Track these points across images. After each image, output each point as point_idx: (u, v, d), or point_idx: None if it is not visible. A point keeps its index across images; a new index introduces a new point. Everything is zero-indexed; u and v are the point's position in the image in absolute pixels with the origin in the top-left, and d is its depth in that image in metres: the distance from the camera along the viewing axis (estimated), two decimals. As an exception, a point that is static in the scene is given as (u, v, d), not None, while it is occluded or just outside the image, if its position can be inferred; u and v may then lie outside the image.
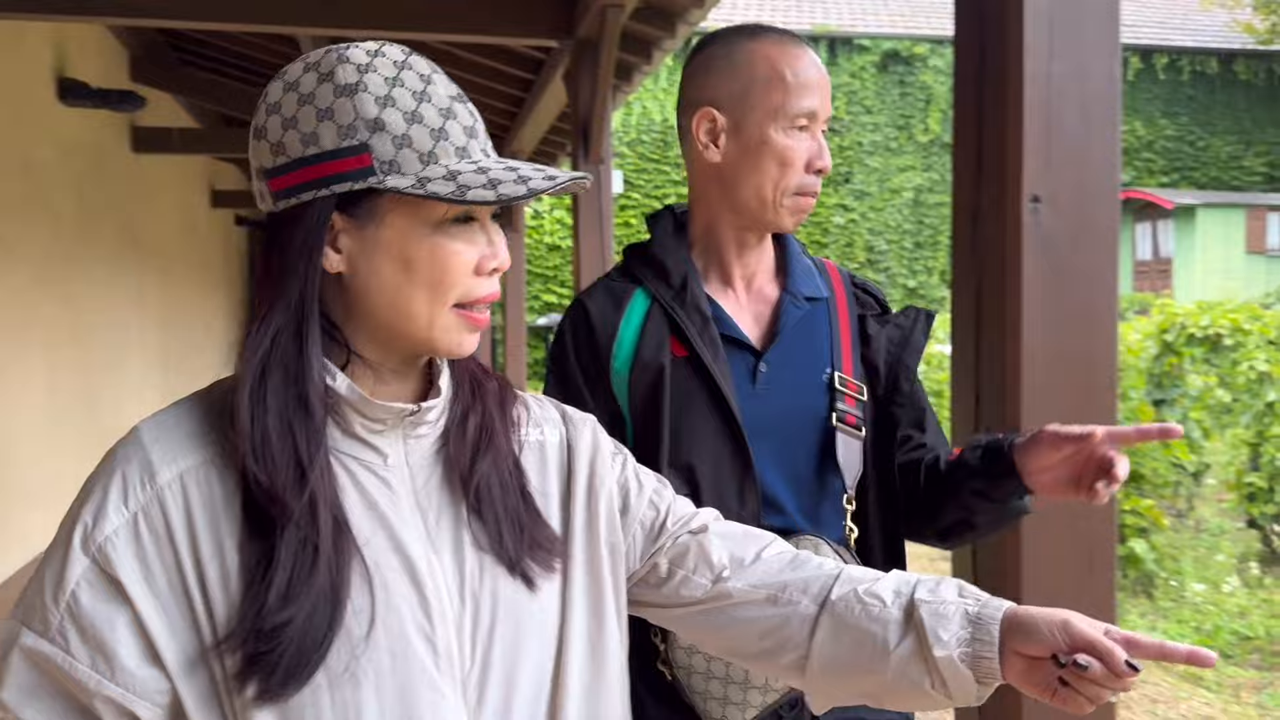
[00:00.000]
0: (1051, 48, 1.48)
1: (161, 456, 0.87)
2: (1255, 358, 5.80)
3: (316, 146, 0.85)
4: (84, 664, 0.83)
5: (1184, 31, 19.21)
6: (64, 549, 0.86)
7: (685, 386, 1.33)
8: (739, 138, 1.33)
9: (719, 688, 1.27)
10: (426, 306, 0.88)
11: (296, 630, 0.82)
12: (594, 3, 4.68)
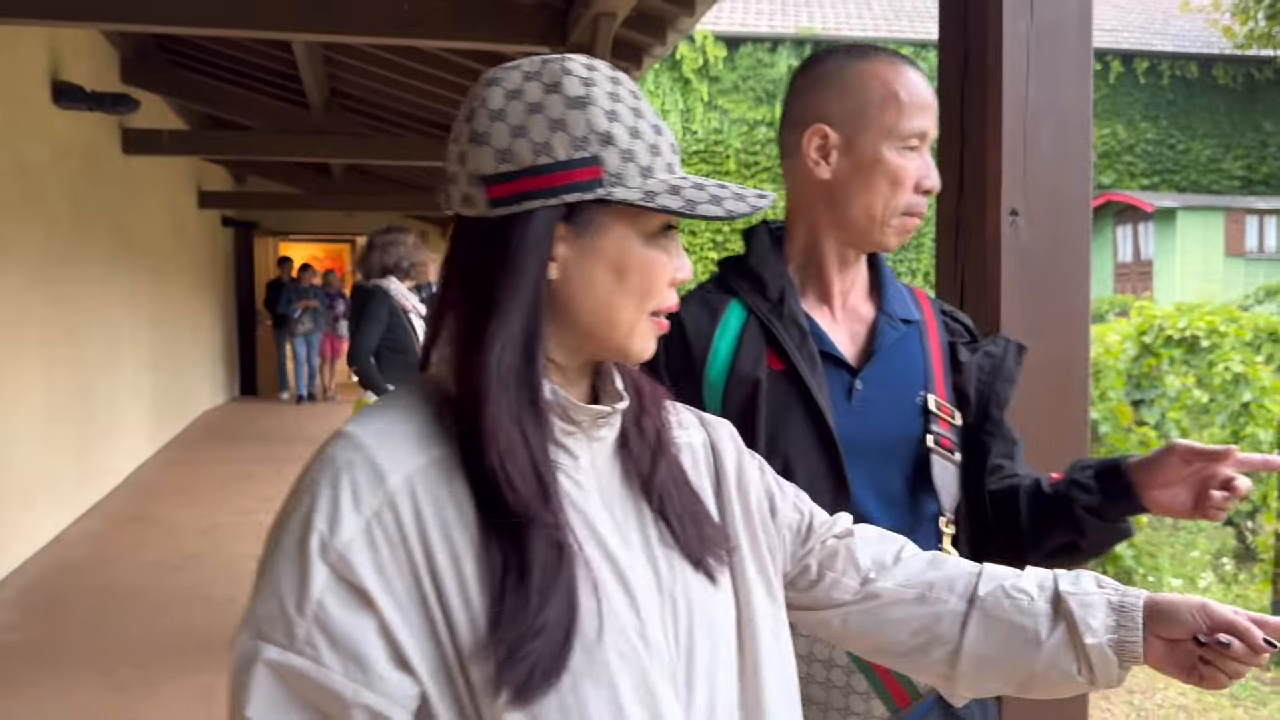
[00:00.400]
0: (1028, 72, 1.59)
1: (388, 459, 0.84)
2: (1231, 359, 5.94)
3: (549, 156, 0.85)
4: (338, 673, 0.80)
5: (1164, 36, 19.44)
6: (297, 558, 0.81)
7: (781, 401, 1.30)
8: (851, 155, 1.32)
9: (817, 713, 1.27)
10: (632, 314, 0.90)
11: (550, 632, 0.82)
12: (586, 11, 4.77)
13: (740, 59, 17.83)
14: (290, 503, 0.85)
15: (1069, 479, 1.33)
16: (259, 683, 0.81)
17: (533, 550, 0.82)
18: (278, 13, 4.99)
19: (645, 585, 0.90)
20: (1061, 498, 1.33)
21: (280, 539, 0.83)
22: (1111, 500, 1.28)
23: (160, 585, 5.16)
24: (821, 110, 1.32)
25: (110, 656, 4.15)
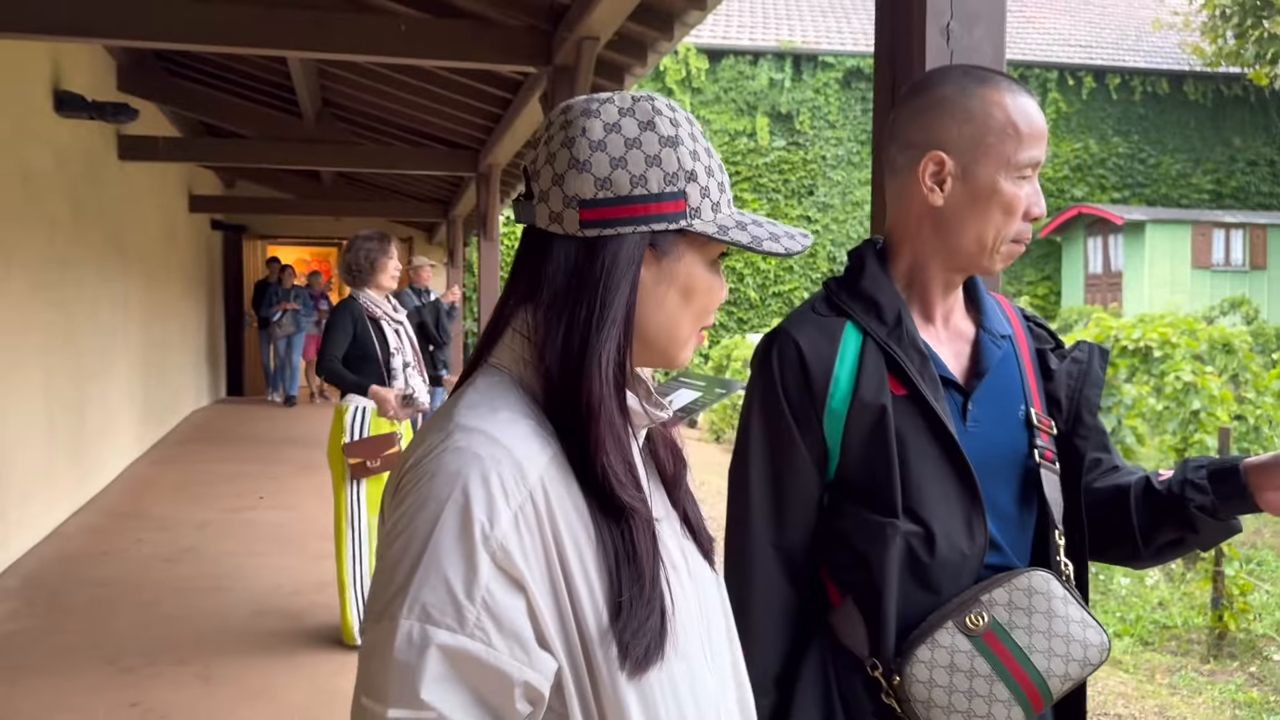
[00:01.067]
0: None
1: (524, 455, 0.90)
2: (1182, 369, 6.25)
3: (644, 189, 0.94)
4: (505, 654, 0.86)
5: (1136, 52, 19.89)
6: (463, 547, 0.86)
7: (908, 425, 1.30)
8: (967, 184, 1.31)
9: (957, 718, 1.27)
10: (688, 330, 1.01)
11: (659, 613, 0.92)
12: (570, 35, 5.04)
13: (722, 71, 18.16)
14: (427, 494, 0.88)
15: (1182, 479, 1.36)
16: (431, 665, 0.84)
17: (639, 541, 0.92)
18: (279, 31, 5.22)
19: (688, 579, 1.01)
20: (1175, 497, 1.35)
21: (434, 531, 0.86)
22: (1225, 500, 1.31)
23: (158, 577, 5.37)
24: (939, 136, 1.32)
25: (113, 643, 4.37)
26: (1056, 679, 1.27)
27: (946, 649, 1.26)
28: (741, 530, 1.37)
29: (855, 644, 1.32)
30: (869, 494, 1.31)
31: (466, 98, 7.41)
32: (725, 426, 11.26)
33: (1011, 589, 1.28)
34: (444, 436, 0.90)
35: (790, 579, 1.36)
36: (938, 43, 1.86)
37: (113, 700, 3.79)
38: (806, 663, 1.34)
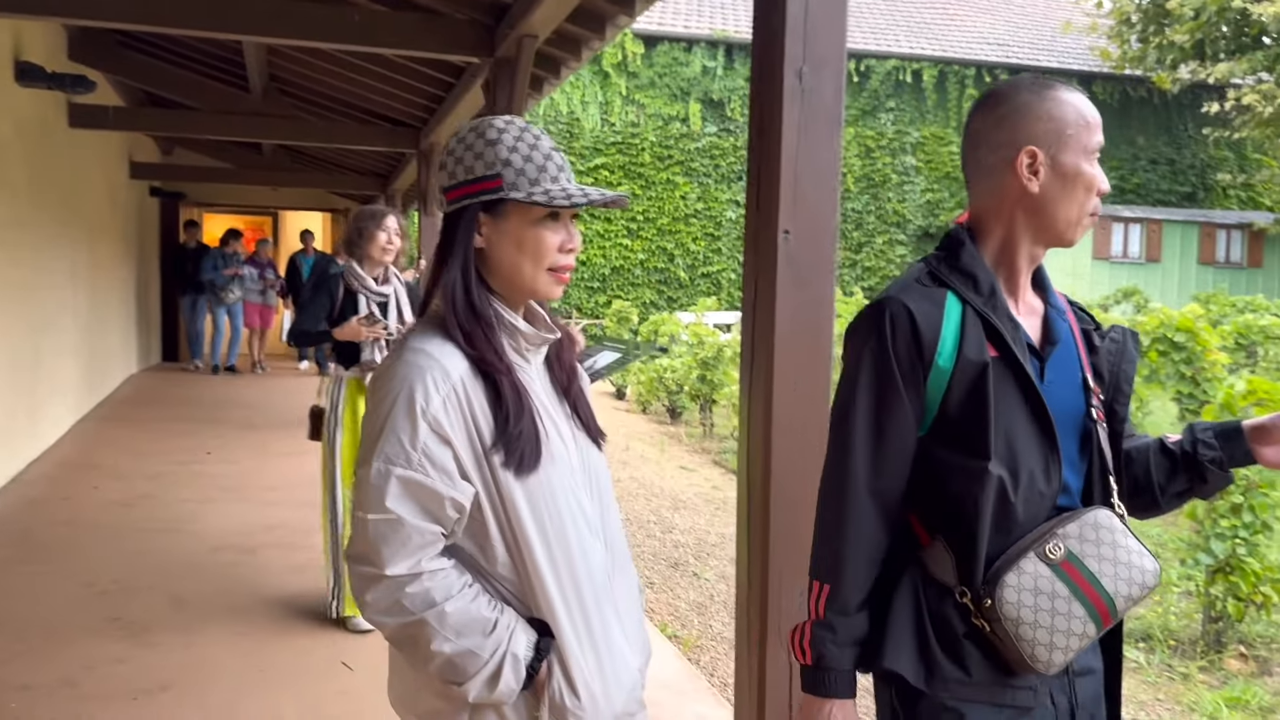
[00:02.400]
0: (798, 140, 2.46)
1: (448, 363, 1.41)
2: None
3: (471, 175, 1.45)
4: (438, 481, 1.38)
5: (1051, 53, 20.87)
6: (409, 417, 1.37)
7: (1002, 384, 1.49)
8: (1055, 170, 1.53)
9: (1044, 634, 1.45)
10: (531, 269, 1.47)
11: (528, 435, 1.41)
12: (512, 32, 5.56)
13: (657, 56, 18.69)
14: (387, 389, 1.40)
15: (1193, 439, 1.64)
16: (391, 487, 1.37)
17: (505, 391, 1.43)
18: (239, 16, 5.63)
19: (572, 446, 1.51)
20: (1187, 454, 1.63)
21: (391, 410, 1.39)
22: (1231, 455, 1.61)
23: (119, 519, 5.82)
24: (1027, 134, 1.54)
25: (86, 571, 4.83)
26: (1122, 599, 1.49)
27: (1031, 575, 1.45)
28: (841, 475, 1.54)
29: (945, 576, 1.51)
30: (968, 442, 1.48)
31: (411, 80, 7.86)
32: (651, 399, 11.87)
33: (1082, 524, 1.50)
34: (399, 354, 1.45)
35: (883, 521, 1.53)
36: (792, 83, 2.47)
37: (94, 616, 4.27)
38: (900, 593, 1.53)
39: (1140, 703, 4.05)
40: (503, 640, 1.40)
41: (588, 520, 1.50)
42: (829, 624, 1.52)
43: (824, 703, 1.52)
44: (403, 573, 1.38)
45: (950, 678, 1.50)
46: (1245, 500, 4.62)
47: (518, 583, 1.45)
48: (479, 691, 1.40)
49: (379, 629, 1.44)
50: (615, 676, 1.50)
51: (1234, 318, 8.81)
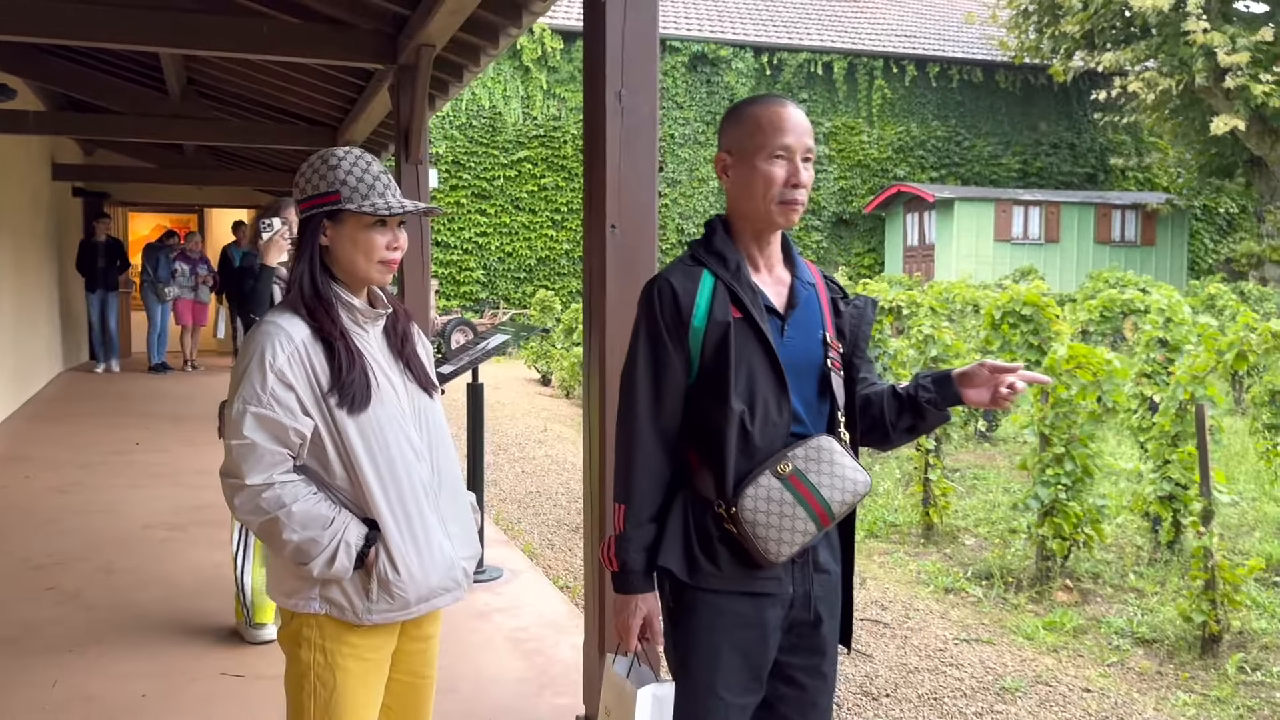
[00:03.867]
0: (620, 151, 2.98)
1: (292, 330, 1.91)
2: (924, 324, 7.65)
3: (315, 190, 1.95)
4: (283, 415, 1.87)
5: (955, 43, 21.71)
6: (260, 370, 1.87)
7: (742, 338, 1.86)
8: (740, 169, 1.93)
9: (773, 533, 1.83)
10: (364, 263, 1.97)
11: (359, 384, 1.91)
12: (412, 41, 6.00)
13: (576, 51, 19.12)
14: (248, 349, 1.91)
15: (916, 384, 2.01)
16: (248, 420, 1.87)
17: (339, 349, 1.93)
18: (151, 30, 5.97)
19: (402, 393, 2.03)
20: (910, 396, 2.01)
21: (248, 364, 1.89)
22: (944, 397, 2.00)
23: (53, 503, 6.18)
24: (724, 141, 1.97)
25: (21, 549, 5.21)
26: (837, 503, 1.87)
27: (765, 487, 1.84)
28: (631, 416, 1.92)
29: (707, 492, 1.89)
30: (717, 384, 1.86)
31: (325, 83, 8.24)
32: (574, 384, 12.37)
33: (808, 447, 1.88)
34: (258, 325, 1.96)
35: (665, 450, 1.92)
36: (613, 102, 2.99)
37: (30, 586, 4.67)
38: (674, 508, 1.92)
39: (968, 626, 4.66)
40: (338, 532, 1.90)
41: (414, 448, 2.01)
42: (627, 536, 1.90)
43: (630, 598, 1.92)
44: (259, 483, 1.88)
45: (706, 571, 1.89)
46: (1067, 451, 5.26)
47: (351, 492, 1.95)
48: (321, 569, 1.90)
49: (247, 526, 1.94)
50: (431, 561, 2.01)
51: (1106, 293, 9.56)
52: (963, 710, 3.71)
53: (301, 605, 1.96)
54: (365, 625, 1.97)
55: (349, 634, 1.98)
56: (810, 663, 2.00)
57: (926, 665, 4.14)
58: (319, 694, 1.97)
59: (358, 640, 1.99)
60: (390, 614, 1.98)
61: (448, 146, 18.57)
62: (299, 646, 1.98)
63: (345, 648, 1.98)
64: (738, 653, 1.92)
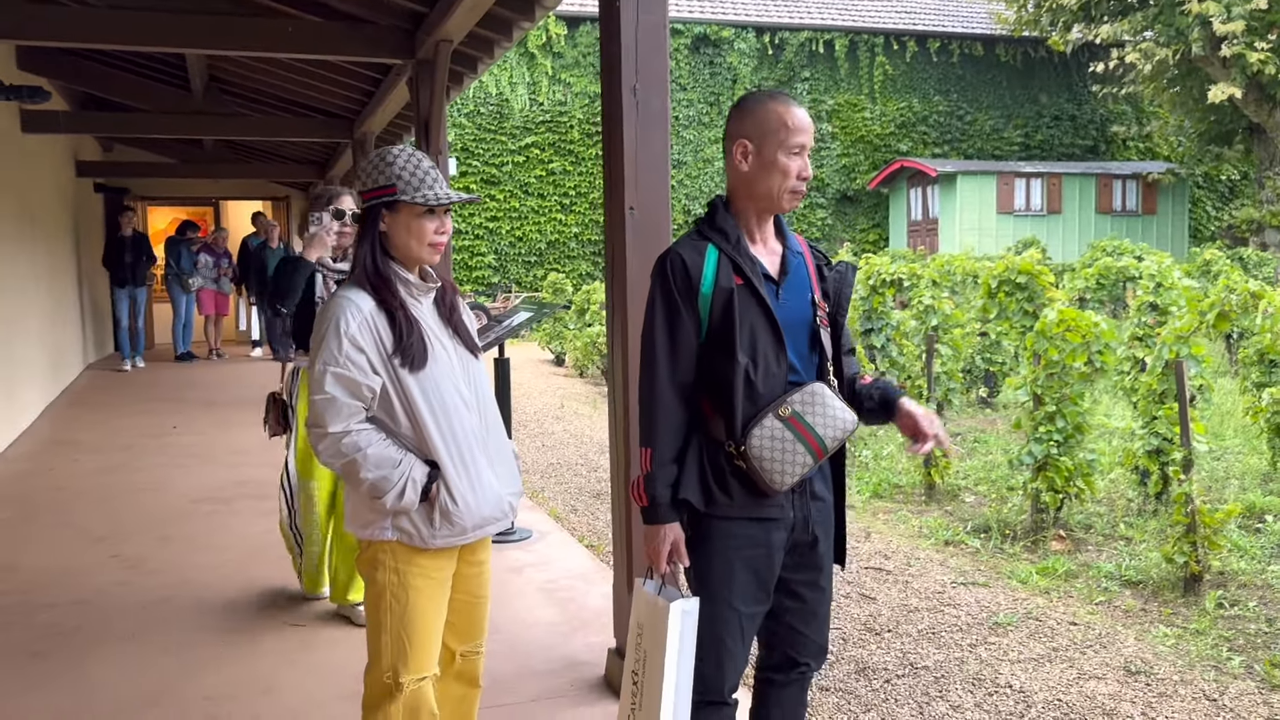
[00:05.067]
0: (637, 135, 3.32)
1: (361, 302, 2.25)
2: (924, 295, 7.96)
3: (375, 184, 2.30)
4: (358, 373, 2.21)
5: (955, 18, 21.90)
6: (336, 337, 2.21)
7: (744, 302, 2.15)
8: (759, 158, 2.19)
9: (777, 466, 2.14)
10: (416, 247, 2.31)
11: (417, 347, 2.26)
12: (430, 37, 6.32)
13: (580, 37, 19.40)
14: (324, 320, 2.26)
15: (869, 390, 2.34)
16: (329, 378, 2.22)
17: (399, 318, 2.28)
18: (181, 32, 6.30)
19: (453, 354, 2.39)
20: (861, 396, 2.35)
21: (325, 332, 2.24)
22: (881, 416, 2.34)
23: (101, 482, 6.56)
24: (743, 130, 2.22)
25: (81, 523, 5.59)
26: (829, 439, 2.17)
27: (769, 428, 2.15)
28: (651, 372, 2.21)
29: (719, 435, 2.20)
30: (725, 342, 2.15)
31: (344, 77, 8.56)
32: (587, 364, 12.72)
33: (804, 392, 2.18)
34: (333, 299, 2.31)
35: (682, 400, 2.21)
36: (629, 97, 3.32)
37: (96, 555, 5.05)
38: (690, 449, 2.22)
39: (965, 572, 5.01)
40: (406, 471, 2.26)
41: (464, 400, 2.38)
42: (653, 475, 2.19)
43: (658, 528, 2.21)
44: (338, 430, 2.24)
45: (720, 501, 2.20)
46: (1058, 409, 5.59)
47: (414, 438, 2.31)
48: (393, 501, 2.25)
49: (331, 468, 2.29)
50: (483, 494, 2.38)
51: (1102, 261, 9.85)
52: (959, 642, 4.06)
53: (377, 534, 2.32)
54: (430, 550, 2.34)
55: (418, 556, 2.34)
56: (810, 578, 2.35)
57: (926, 605, 4.50)
58: (394, 608, 2.33)
59: (425, 561, 2.34)
60: (451, 539, 2.35)
61: (457, 134, 18.88)
62: (375, 569, 2.34)
63: (415, 568, 2.33)
64: (749, 570, 2.26)
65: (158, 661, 3.73)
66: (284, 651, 3.81)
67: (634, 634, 2.42)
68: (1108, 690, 3.62)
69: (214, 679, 3.56)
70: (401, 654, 2.34)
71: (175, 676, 3.59)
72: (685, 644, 2.32)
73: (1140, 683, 3.69)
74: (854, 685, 3.68)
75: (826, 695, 3.60)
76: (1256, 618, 4.36)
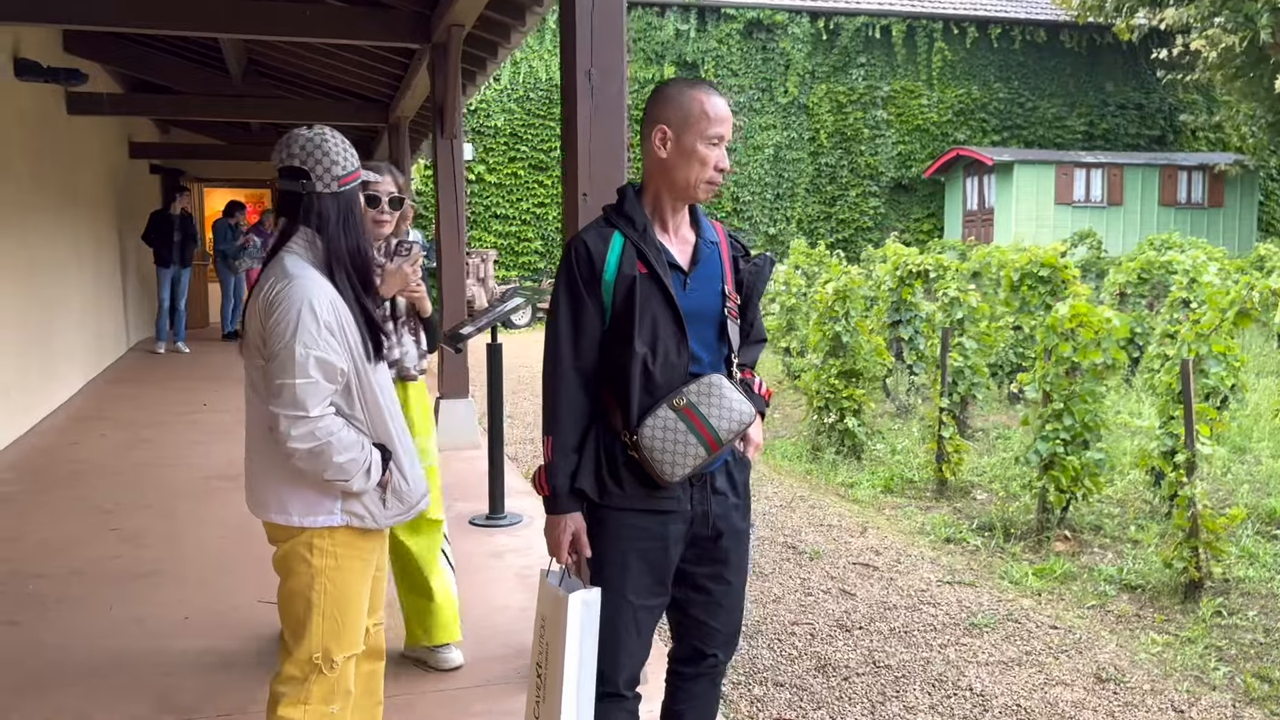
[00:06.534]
0: (591, 126, 3.29)
1: (323, 285, 2.22)
2: (950, 287, 7.80)
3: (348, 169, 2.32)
4: (333, 355, 2.16)
5: (1018, 4, 21.34)
6: (313, 319, 2.15)
7: (648, 290, 2.13)
8: (679, 146, 2.14)
9: (669, 457, 2.11)
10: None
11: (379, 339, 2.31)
12: (442, 21, 6.34)
13: (632, 22, 19.31)
14: (291, 302, 2.16)
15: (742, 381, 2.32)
16: (310, 361, 2.15)
17: (370, 313, 2.33)
18: (207, 16, 6.42)
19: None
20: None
21: (300, 313, 2.15)
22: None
23: (123, 458, 6.73)
24: (664, 116, 2.17)
25: (91, 496, 5.75)
26: (724, 431, 2.14)
27: (662, 418, 2.12)
28: (554, 359, 2.18)
29: (616, 425, 2.18)
30: (624, 330, 2.12)
31: (374, 61, 8.64)
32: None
33: (700, 383, 2.16)
34: (289, 279, 2.21)
35: (583, 388, 2.18)
36: (584, 81, 3.29)
37: (97, 527, 5.18)
38: (589, 438, 2.19)
39: (956, 571, 4.90)
40: (369, 453, 2.28)
41: (388, 377, 2.44)
42: (555, 464, 2.16)
43: (560, 518, 2.19)
44: (319, 414, 2.19)
45: (613, 492, 2.18)
46: (1066, 406, 5.44)
47: (366, 421, 2.32)
48: (360, 483, 2.26)
49: (292, 456, 2.21)
50: (417, 473, 2.43)
51: (1144, 255, 9.56)
52: (929, 642, 3.98)
53: (322, 520, 2.31)
54: (375, 531, 2.38)
55: (360, 540, 2.37)
56: (713, 571, 2.31)
57: (905, 603, 4.41)
58: (329, 590, 2.34)
59: (363, 544, 2.38)
60: (400, 516, 2.41)
61: (506, 119, 18.96)
62: (310, 554, 2.33)
63: (354, 551, 2.36)
64: (643, 561, 2.23)
65: (125, 632, 3.82)
66: (255, 625, 3.87)
67: (538, 626, 2.40)
68: (1072, 697, 3.51)
69: (175, 653, 3.63)
70: (334, 633, 2.35)
71: (138, 652, 3.67)
72: (586, 636, 2.29)
73: (1108, 690, 3.58)
74: (809, 682, 3.62)
75: (780, 690, 3.55)
76: (1254, 627, 4.20)
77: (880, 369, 7.60)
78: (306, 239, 2.31)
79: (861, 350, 7.38)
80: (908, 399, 8.80)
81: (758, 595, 4.50)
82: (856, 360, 7.34)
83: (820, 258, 13.85)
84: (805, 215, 20.27)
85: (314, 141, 2.31)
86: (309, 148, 2.29)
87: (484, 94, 18.65)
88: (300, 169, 2.30)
